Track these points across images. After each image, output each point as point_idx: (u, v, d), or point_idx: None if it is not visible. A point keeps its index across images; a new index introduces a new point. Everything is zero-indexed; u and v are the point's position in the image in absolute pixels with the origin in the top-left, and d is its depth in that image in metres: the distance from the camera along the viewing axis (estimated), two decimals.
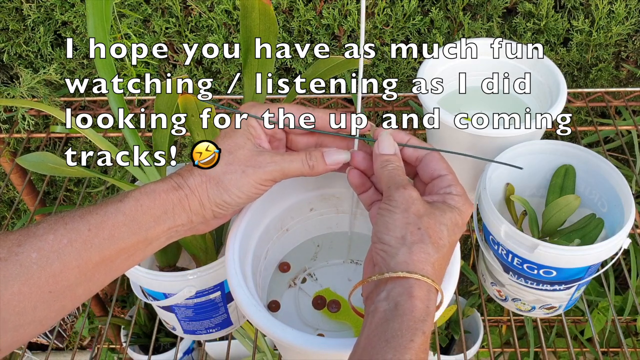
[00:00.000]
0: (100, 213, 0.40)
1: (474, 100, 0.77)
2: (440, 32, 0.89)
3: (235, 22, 0.90)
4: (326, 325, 0.55)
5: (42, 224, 0.39)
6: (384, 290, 0.39)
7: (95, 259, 0.40)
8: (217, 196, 0.44)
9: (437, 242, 0.40)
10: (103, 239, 0.40)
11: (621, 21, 0.86)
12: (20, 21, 0.94)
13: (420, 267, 0.39)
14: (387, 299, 0.38)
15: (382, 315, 0.37)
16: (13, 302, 0.36)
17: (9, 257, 0.37)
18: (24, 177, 1.01)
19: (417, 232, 0.40)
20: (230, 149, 0.44)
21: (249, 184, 0.44)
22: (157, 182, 0.43)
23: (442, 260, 0.40)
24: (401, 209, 0.41)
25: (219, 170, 0.43)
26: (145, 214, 0.42)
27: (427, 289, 0.38)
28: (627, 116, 0.96)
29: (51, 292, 0.38)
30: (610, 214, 0.61)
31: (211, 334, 0.66)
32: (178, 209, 0.43)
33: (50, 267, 0.38)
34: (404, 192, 0.42)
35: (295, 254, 0.60)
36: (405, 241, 0.40)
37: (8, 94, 0.87)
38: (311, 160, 0.46)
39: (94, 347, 0.78)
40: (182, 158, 1.07)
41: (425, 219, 0.41)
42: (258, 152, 0.44)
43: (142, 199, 0.42)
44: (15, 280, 0.36)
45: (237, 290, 0.47)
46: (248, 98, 0.57)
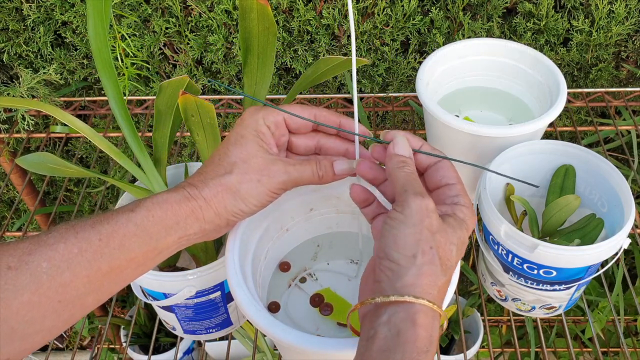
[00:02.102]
0: (111, 222, 0.40)
1: (474, 100, 0.77)
2: (440, 32, 0.88)
3: (235, 22, 0.90)
4: (326, 325, 0.55)
5: (53, 233, 0.39)
6: (385, 313, 0.37)
7: (104, 269, 0.39)
8: (234, 205, 0.44)
9: (445, 264, 0.38)
10: (113, 248, 0.40)
11: (621, 21, 0.86)
12: (20, 21, 0.94)
13: (427, 291, 0.37)
14: (388, 323, 0.36)
15: (382, 343, 0.35)
16: (22, 311, 0.36)
17: (20, 266, 0.36)
18: (23, 177, 1.01)
19: (428, 252, 0.38)
20: (244, 158, 0.44)
21: (264, 192, 0.44)
22: (170, 192, 0.43)
23: (447, 283, 0.39)
24: (414, 221, 0.38)
25: (235, 180, 0.43)
26: (157, 225, 0.41)
27: (432, 316, 0.37)
28: (627, 116, 0.96)
29: (60, 302, 0.38)
30: (610, 214, 0.61)
31: (211, 334, 0.66)
32: (191, 219, 0.43)
33: (60, 276, 0.37)
34: (422, 201, 0.39)
35: (295, 254, 0.60)
36: (415, 261, 0.37)
37: (8, 94, 0.87)
38: (321, 171, 0.46)
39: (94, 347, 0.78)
40: (182, 158, 1.07)
41: (437, 236, 0.39)
42: (271, 161, 0.44)
43: (153, 209, 0.41)
44: (25, 290, 0.36)
45: (237, 290, 0.47)
46: (248, 98, 0.57)
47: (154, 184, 0.57)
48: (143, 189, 0.58)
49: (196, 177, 0.44)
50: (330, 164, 0.46)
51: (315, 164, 0.46)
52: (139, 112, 0.94)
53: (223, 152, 0.45)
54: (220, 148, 0.45)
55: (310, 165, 0.46)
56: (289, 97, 0.58)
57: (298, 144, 0.48)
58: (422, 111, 0.71)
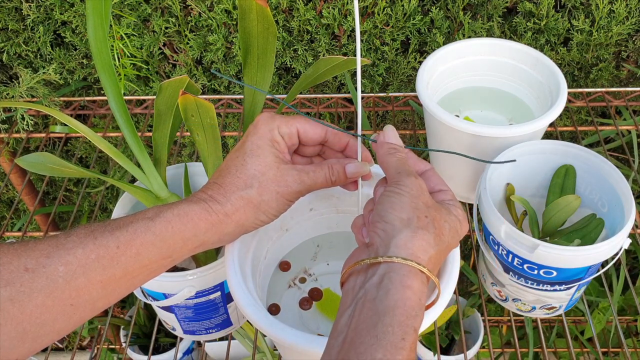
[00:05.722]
0: (129, 230, 0.40)
1: (474, 100, 0.77)
2: (441, 32, 0.88)
3: (235, 22, 0.90)
4: (326, 325, 0.54)
5: (72, 237, 0.39)
6: (376, 274, 0.37)
7: (118, 275, 0.40)
8: (256, 217, 0.45)
9: (439, 236, 0.39)
10: (129, 256, 0.40)
11: (621, 21, 0.86)
12: (19, 21, 0.94)
13: (418, 255, 0.37)
14: (379, 285, 0.36)
15: (371, 306, 0.35)
16: (35, 313, 0.37)
17: (37, 269, 0.37)
18: (23, 177, 1.01)
19: (423, 219, 0.39)
20: (262, 170, 0.45)
21: (282, 202, 0.46)
22: (190, 204, 0.43)
23: (438, 256, 0.39)
24: (411, 194, 0.40)
25: (256, 194, 0.44)
26: (175, 236, 0.42)
27: (421, 280, 0.37)
28: (628, 116, 0.95)
29: (72, 305, 0.38)
30: (611, 214, 0.61)
31: (211, 334, 0.66)
32: (210, 232, 0.43)
33: (75, 281, 0.38)
34: (416, 180, 0.41)
35: (295, 254, 0.60)
36: (410, 223, 0.38)
37: (7, 94, 0.87)
38: (334, 176, 0.47)
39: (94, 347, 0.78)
40: (182, 158, 1.07)
41: (432, 210, 0.40)
42: (286, 172, 0.45)
43: (173, 221, 0.42)
44: (40, 293, 0.37)
45: (237, 291, 0.47)
46: (248, 98, 0.57)
47: (153, 184, 0.57)
48: (143, 189, 0.58)
49: (216, 189, 0.44)
50: (343, 168, 0.47)
51: (327, 169, 0.47)
52: (138, 112, 0.94)
53: (240, 164, 0.45)
54: (236, 158, 0.45)
55: (323, 171, 0.47)
56: (289, 97, 0.57)
57: (304, 150, 0.50)
58: (422, 111, 0.71)
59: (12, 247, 0.37)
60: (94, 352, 0.75)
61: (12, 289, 0.36)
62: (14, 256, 0.37)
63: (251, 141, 0.45)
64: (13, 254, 0.37)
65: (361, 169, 0.48)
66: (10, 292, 0.35)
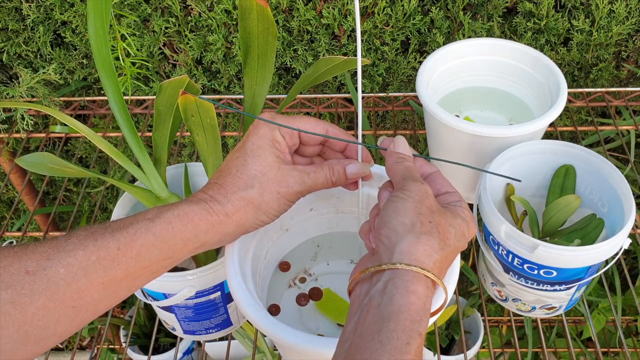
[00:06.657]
0: (130, 231, 0.40)
1: (474, 100, 0.77)
2: (441, 32, 0.88)
3: (235, 22, 0.90)
4: (326, 325, 0.54)
5: (72, 239, 0.39)
6: (380, 280, 0.37)
7: (119, 276, 0.40)
8: (256, 218, 0.45)
9: (444, 240, 0.39)
10: (130, 257, 0.40)
11: (621, 21, 0.86)
12: (19, 21, 0.94)
13: (423, 260, 0.37)
14: (382, 291, 0.36)
15: (375, 312, 0.36)
16: (37, 316, 0.36)
17: (37, 271, 0.37)
18: (23, 177, 1.01)
19: (427, 225, 0.39)
20: (263, 171, 0.44)
21: (283, 203, 0.46)
22: (190, 204, 0.43)
23: (444, 260, 0.39)
24: (415, 199, 0.40)
25: (256, 194, 0.44)
26: (176, 237, 0.42)
27: (425, 285, 0.37)
28: (628, 116, 0.95)
29: (74, 307, 0.38)
30: (611, 214, 0.61)
31: (211, 334, 0.66)
32: (211, 233, 0.43)
33: (76, 283, 0.38)
34: (421, 185, 0.41)
35: (295, 254, 0.60)
36: (414, 229, 0.38)
37: (7, 93, 0.87)
38: (334, 177, 0.47)
39: (94, 347, 0.78)
40: (182, 158, 1.07)
41: (436, 215, 0.40)
42: (287, 172, 0.45)
43: (174, 222, 0.42)
44: (41, 295, 0.36)
45: (237, 291, 0.47)
46: (248, 98, 0.57)
47: (153, 184, 0.57)
48: (143, 189, 0.58)
49: (216, 189, 0.44)
50: (343, 169, 0.48)
51: (328, 170, 0.47)
52: (138, 112, 0.94)
53: (241, 164, 0.45)
54: (237, 158, 0.45)
55: (324, 172, 0.47)
56: (289, 97, 0.57)
57: (305, 150, 0.50)
58: (422, 111, 0.71)
59: (12, 249, 0.37)
60: (94, 352, 0.75)
61: (13, 292, 0.35)
62: (14, 259, 0.37)
63: (252, 141, 0.45)
64: (13, 257, 0.37)
65: (362, 170, 0.48)
66: (11, 295, 0.35)
